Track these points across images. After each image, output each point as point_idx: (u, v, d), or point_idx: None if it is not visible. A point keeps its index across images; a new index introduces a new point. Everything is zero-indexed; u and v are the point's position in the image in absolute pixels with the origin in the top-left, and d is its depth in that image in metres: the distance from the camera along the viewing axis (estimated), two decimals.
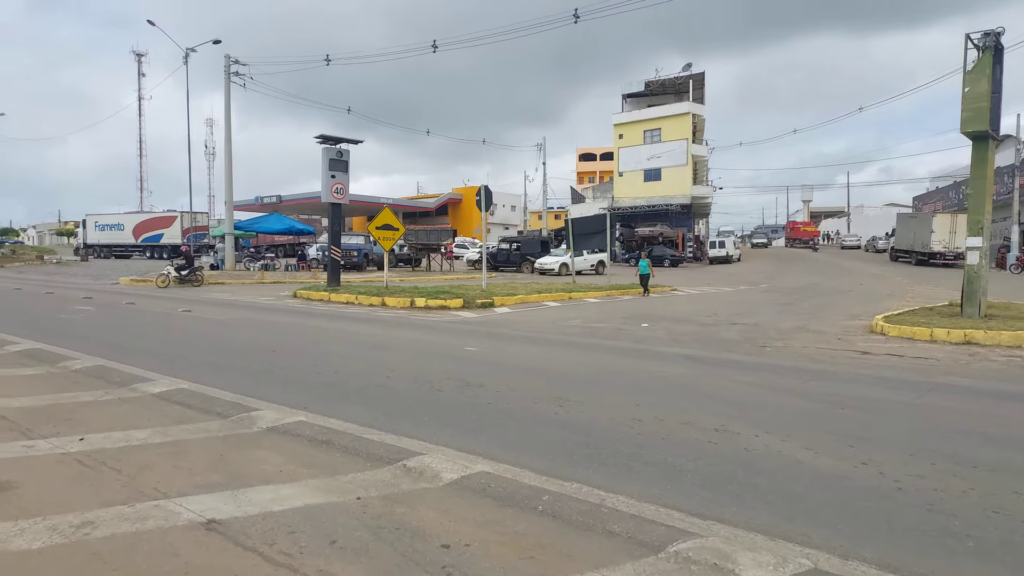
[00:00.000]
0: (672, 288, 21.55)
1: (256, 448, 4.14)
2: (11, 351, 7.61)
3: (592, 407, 5.34)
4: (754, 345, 9.27)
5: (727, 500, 3.38)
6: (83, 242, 56.48)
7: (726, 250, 46.40)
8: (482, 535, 2.92)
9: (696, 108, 50.19)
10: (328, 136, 18.24)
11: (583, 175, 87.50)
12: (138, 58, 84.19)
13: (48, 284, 21.62)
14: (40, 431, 4.40)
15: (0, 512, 3.10)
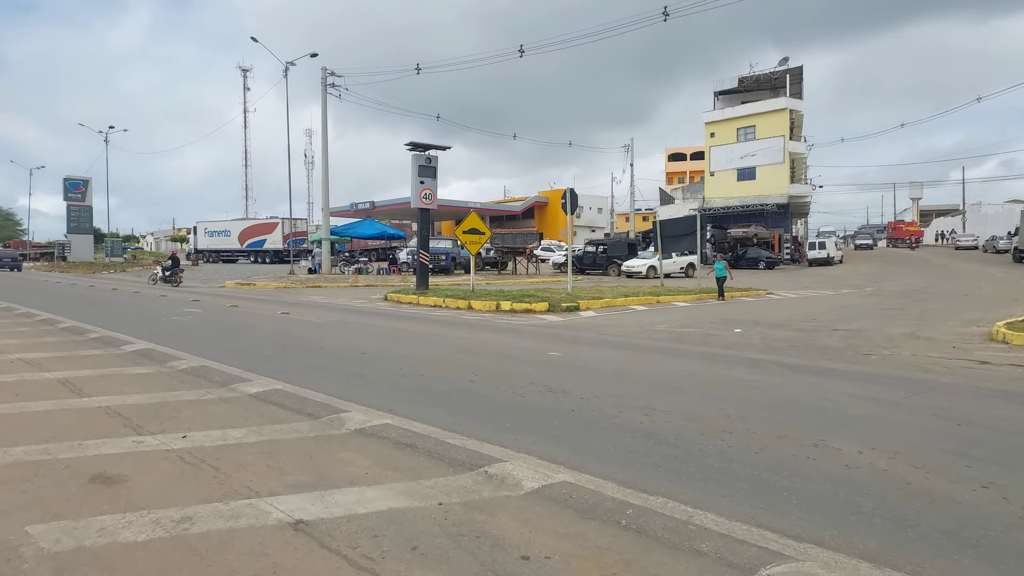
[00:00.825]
0: (767, 291, 20.69)
1: (344, 450, 4.24)
2: (127, 351, 8.19)
3: (680, 417, 5.16)
4: (857, 353, 8.72)
5: (826, 522, 3.15)
6: (194, 247, 60.44)
7: (827, 251, 44.17)
8: (563, 548, 2.85)
9: (793, 103, 48.08)
10: (417, 143, 18.67)
11: (672, 175, 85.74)
12: (243, 73, 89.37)
13: (162, 288, 23.20)
14: (148, 427, 4.68)
15: (111, 504, 3.30)
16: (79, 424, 4.77)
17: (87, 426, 4.72)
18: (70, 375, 6.54)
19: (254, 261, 52.35)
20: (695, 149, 76.30)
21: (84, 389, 5.90)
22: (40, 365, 7.10)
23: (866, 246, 65.24)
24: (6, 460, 3.97)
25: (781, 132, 47.30)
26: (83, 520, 3.10)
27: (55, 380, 6.30)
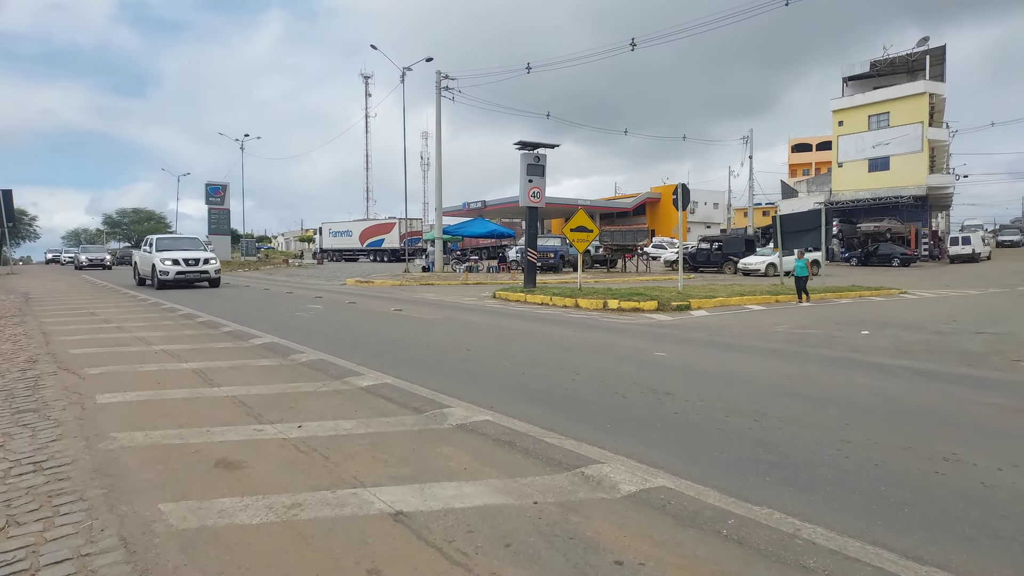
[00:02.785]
0: (900, 291, 19.19)
1: (445, 444, 4.34)
2: (255, 344, 8.80)
3: (793, 424, 4.88)
4: (1004, 359, 7.90)
5: (954, 543, 2.87)
6: (319, 247, 64.20)
7: (971, 247, 40.45)
8: (659, 555, 2.77)
9: (934, 87, 44.33)
10: (526, 142, 18.81)
11: (796, 167, 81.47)
12: (365, 80, 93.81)
13: (289, 285, 24.80)
14: (268, 417, 5.00)
15: (231, 488, 3.55)
16: (209, 412, 5.18)
17: (215, 414, 5.11)
18: (203, 366, 7.12)
19: (373, 260, 54.88)
20: (821, 139, 72.14)
21: (215, 379, 6.40)
22: (179, 356, 7.78)
23: (1013, 243, 57.60)
24: (147, 443, 4.38)
25: (919, 118, 43.77)
26: (207, 501, 3.36)
27: (191, 370, 6.88)
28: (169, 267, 20.65)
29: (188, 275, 21.01)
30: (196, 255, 21.50)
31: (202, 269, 21.28)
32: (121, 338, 9.42)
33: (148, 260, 21.66)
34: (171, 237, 24.10)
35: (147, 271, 21.93)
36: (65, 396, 5.75)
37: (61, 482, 3.65)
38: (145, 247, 23.04)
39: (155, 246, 22.09)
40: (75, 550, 2.83)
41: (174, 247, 22.21)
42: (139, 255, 23.72)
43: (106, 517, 3.17)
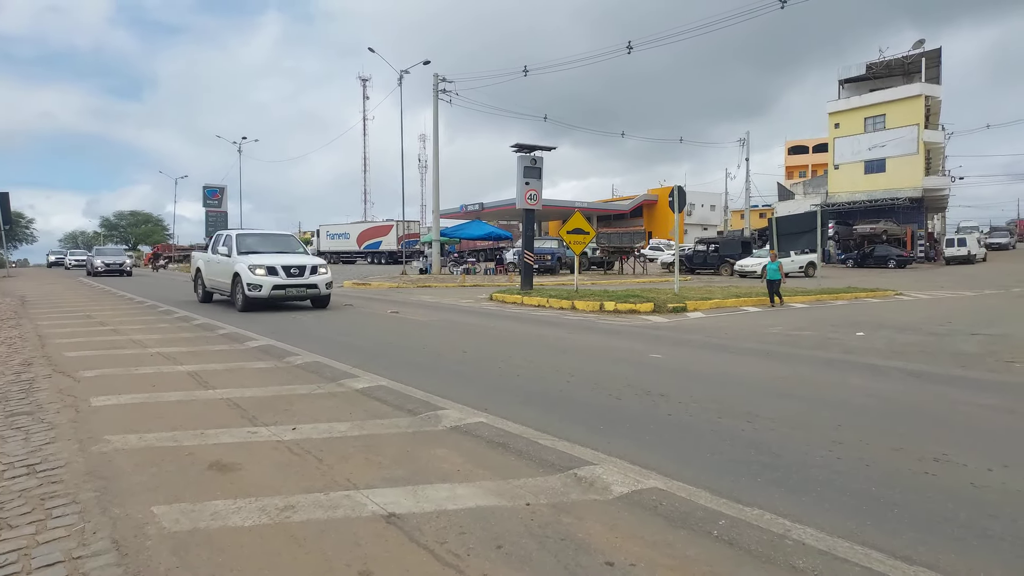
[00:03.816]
0: (896, 292, 19.24)
1: (439, 446, 4.35)
2: (250, 346, 8.80)
3: (785, 425, 4.90)
4: (998, 361, 7.93)
5: (943, 543, 2.89)
6: (317, 249, 64.09)
7: (967, 249, 40.54)
8: (649, 556, 2.78)
9: (929, 89, 44.47)
10: (523, 144, 18.84)
11: (792, 170, 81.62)
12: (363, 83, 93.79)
13: None
14: (263, 419, 5.01)
15: (224, 491, 3.56)
16: (203, 414, 5.18)
17: (210, 416, 5.11)
18: (199, 368, 7.12)
19: (371, 262, 54.86)
20: (818, 141, 72.26)
21: (210, 382, 6.40)
22: (174, 359, 7.78)
23: (1001, 246, 55.02)
24: (140, 445, 4.38)
25: (915, 120, 43.91)
26: (200, 504, 3.37)
27: (186, 373, 6.88)
28: (261, 278, 13.51)
29: (289, 291, 13.74)
30: (299, 260, 14.25)
31: (309, 282, 13.96)
32: (117, 341, 9.42)
33: (224, 267, 14.79)
34: (257, 234, 16.10)
35: (221, 283, 15.13)
36: (59, 399, 5.75)
37: (54, 485, 3.65)
38: (219, 247, 15.53)
39: (235, 245, 14.67)
40: (67, 552, 2.83)
41: (263, 247, 15.11)
42: (205, 259, 16.45)
43: (98, 520, 3.17)
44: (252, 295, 13.54)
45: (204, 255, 16.86)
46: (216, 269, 15.44)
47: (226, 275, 14.54)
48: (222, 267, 14.92)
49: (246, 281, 13.48)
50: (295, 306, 15.17)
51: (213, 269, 15.64)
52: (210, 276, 15.86)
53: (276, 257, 14.18)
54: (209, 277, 15.95)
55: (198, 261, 17.15)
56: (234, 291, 14.12)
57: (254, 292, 13.50)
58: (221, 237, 15.89)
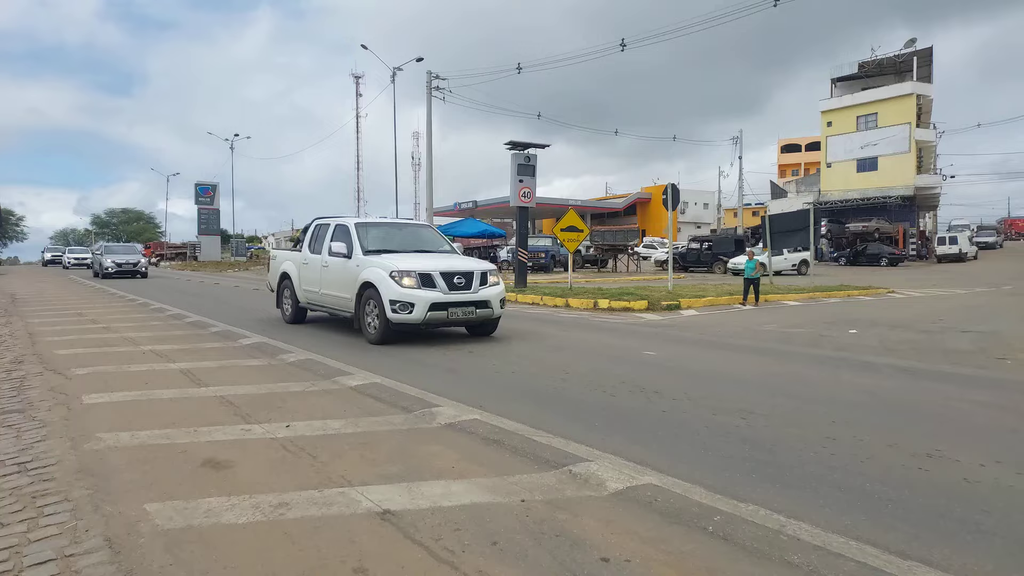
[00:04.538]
0: (888, 290, 19.33)
1: (433, 443, 4.34)
2: (243, 344, 8.76)
3: (780, 421, 4.91)
4: (989, 357, 7.98)
5: (936, 539, 2.90)
6: None
7: (958, 247, 40.77)
8: (644, 552, 2.78)
9: (921, 88, 44.66)
10: (517, 142, 18.83)
11: (785, 168, 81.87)
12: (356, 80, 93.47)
13: None
14: (256, 417, 4.98)
15: (218, 488, 3.54)
16: (196, 412, 5.15)
17: (203, 414, 5.09)
18: (192, 366, 7.08)
19: None
20: (810, 139, 72.52)
21: (203, 379, 6.37)
22: (167, 356, 7.74)
23: (988, 245, 54.07)
24: (133, 443, 4.35)
25: (907, 119, 44.09)
26: (193, 501, 3.34)
27: (179, 370, 6.85)
28: (412, 292, 8.64)
29: (453, 312, 8.84)
30: (459, 264, 9.38)
31: (478, 298, 9.06)
32: (109, 338, 9.36)
33: (338, 273, 9.92)
34: (387, 223, 11.25)
35: (330, 297, 10.25)
36: (51, 397, 5.71)
37: (46, 483, 3.63)
38: (326, 243, 10.34)
39: (358, 240, 9.82)
40: (59, 550, 2.81)
41: (397, 243, 10.24)
42: (299, 261, 11.27)
43: (91, 517, 3.15)
44: (399, 318, 8.46)
45: (293, 254, 11.62)
46: (321, 277, 10.35)
47: (342, 286, 9.67)
48: (335, 274, 9.91)
49: (388, 297, 8.47)
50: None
51: (316, 276, 10.54)
52: (309, 286, 10.78)
53: (425, 259, 9.20)
54: (307, 288, 10.84)
55: (283, 263, 11.74)
56: (361, 310, 9.14)
57: (402, 314, 8.43)
58: (328, 228, 10.54)
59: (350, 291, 9.36)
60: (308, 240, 11.09)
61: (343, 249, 9.65)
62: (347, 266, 9.58)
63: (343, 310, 9.85)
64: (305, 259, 10.94)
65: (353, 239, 9.70)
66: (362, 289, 9.06)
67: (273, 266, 12.31)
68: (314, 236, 10.93)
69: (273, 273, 12.20)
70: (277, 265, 12.01)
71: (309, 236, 11.10)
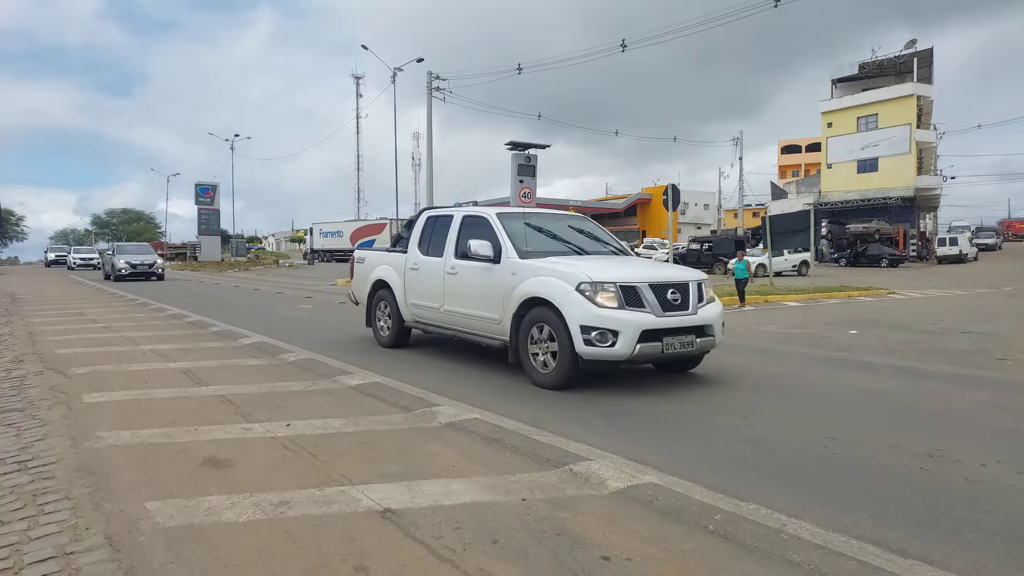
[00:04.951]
0: (888, 291, 19.33)
1: (434, 442, 4.33)
2: (244, 343, 8.76)
3: (780, 421, 4.91)
4: (989, 358, 7.98)
5: (937, 538, 2.90)
6: (310, 247, 63.91)
7: (959, 248, 40.80)
8: (645, 550, 2.78)
9: (921, 89, 44.66)
10: (517, 142, 18.85)
11: (786, 169, 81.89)
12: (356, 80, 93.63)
13: (279, 285, 24.69)
14: (257, 416, 4.98)
15: (219, 486, 3.53)
16: (197, 411, 5.15)
17: (203, 413, 5.09)
18: (192, 365, 7.08)
19: None
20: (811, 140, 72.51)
21: (203, 378, 6.37)
22: (167, 356, 7.74)
23: (988, 246, 54.01)
24: (133, 442, 4.35)
25: (907, 120, 44.09)
26: (194, 499, 3.34)
27: (179, 369, 6.85)
28: (620, 315, 5.70)
29: (671, 345, 5.86)
30: (673, 274, 6.46)
31: (700, 321, 6.12)
32: (109, 338, 9.36)
33: (477, 282, 6.96)
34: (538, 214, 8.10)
35: (460, 315, 7.24)
36: (51, 395, 5.71)
37: (46, 481, 3.62)
38: (469, 242, 6.89)
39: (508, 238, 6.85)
40: (59, 548, 2.81)
41: (551, 243, 7.34)
42: (408, 264, 8.22)
43: (91, 515, 3.15)
44: (595, 352, 5.72)
45: (392, 257, 8.66)
46: (445, 288, 7.43)
47: (483, 301, 6.83)
48: (470, 284, 7.07)
49: (579, 321, 5.72)
50: (287, 306, 14.98)
51: (434, 287, 7.61)
52: (421, 300, 7.87)
53: (619, 265, 6.50)
54: (418, 302, 7.93)
55: (376, 269, 8.85)
56: (521, 338, 6.32)
57: (600, 347, 5.69)
58: (452, 222, 7.60)
59: (498, 309, 6.50)
60: (417, 238, 8.08)
61: (485, 250, 6.63)
62: (493, 274, 6.61)
63: (483, 335, 6.86)
64: (414, 263, 7.96)
65: (500, 236, 6.77)
66: (524, 308, 6.20)
67: (360, 272, 9.40)
68: (427, 232, 7.97)
69: (361, 281, 9.27)
70: (367, 270, 9.15)
71: (418, 233, 8.12)
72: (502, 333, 6.56)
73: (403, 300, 8.20)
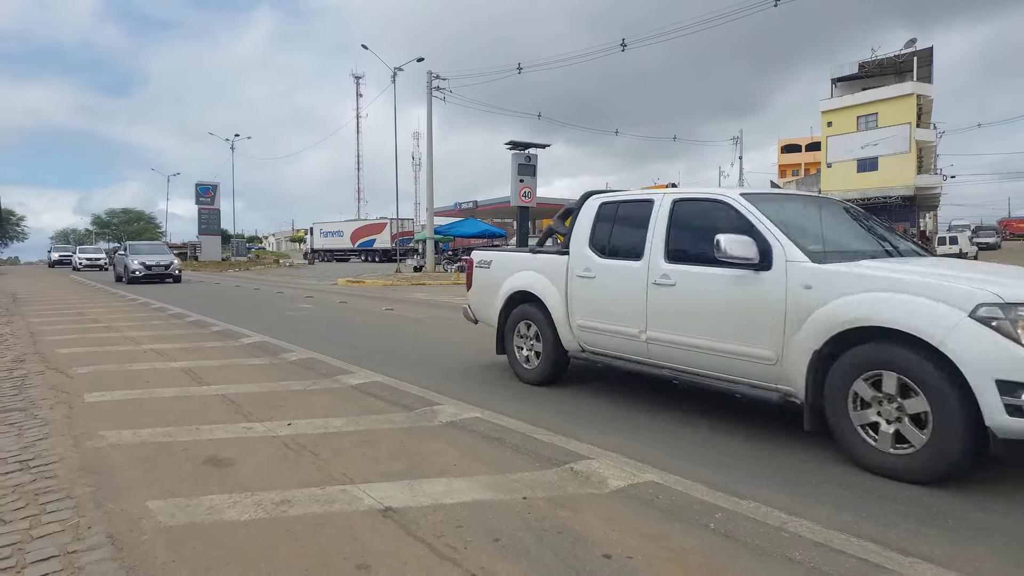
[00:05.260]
0: None
1: (435, 441, 4.34)
2: (244, 343, 8.77)
3: (781, 421, 4.90)
4: None
5: (937, 535, 2.91)
6: (310, 247, 63.92)
7: (958, 247, 40.88)
8: (646, 548, 2.79)
9: (921, 88, 44.63)
10: (517, 142, 18.87)
11: (786, 168, 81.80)
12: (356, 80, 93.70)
13: (280, 285, 24.70)
14: (258, 415, 4.99)
15: (220, 485, 3.55)
16: (198, 410, 5.16)
17: (204, 412, 5.10)
18: (193, 365, 7.09)
19: (365, 260, 54.72)
20: (810, 140, 72.45)
21: (204, 378, 6.38)
22: (168, 355, 7.74)
23: (989, 245, 53.38)
24: (135, 441, 4.36)
25: (907, 119, 44.06)
26: (195, 498, 3.35)
27: (180, 369, 6.86)
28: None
29: None
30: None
31: None
32: (110, 337, 9.37)
33: (745, 302, 4.39)
34: (790, 196, 5.86)
35: (719, 352, 4.56)
36: (52, 395, 5.72)
37: (48, 480, 3.64)
38: (721, 239, 4.32)
39: (778, 233, 4.36)
40: (62, 547, 2.81)
41: (837, 237, 4.89)
42: (561, 271, 5.91)
43: (93, 514, 3.16)
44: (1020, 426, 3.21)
45: (542, 261, 6.28)
46: (649, 305, 5.12)
47: (740, 328, 4.48)
48: (706, 300, 4.73)
49: (997, 374, 3.27)
50: (288, 305, 14.99)
51: (630, 304, 5.27)
52: (606, 320, 5.49)
53: (1007, 276, 3.93)
54: (599, 323, 5.57)
55: (514, 276, 6.53)
56: (836, 393, 3.92)
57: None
58: (659, 208, 5.28)
59: (771, 342, 4.28)
60: (586, 233, 5.79)
61: (742, 250, 4.36)
62: (758, 286, 4.38)
63: (734, 380, 4.60)
64: (585, 267, 5.68)
65: (765, 229, 4.47)
66: (838, 343, 3.94)
67: (486, 279, 6.90)
68: (604, 225, 5.72)
69: (487, 291, 6.82)
70: (497, 277, 6.71)
71: (588, 225, 5.81)
72: (782, 380, 4.24)
73: (563, 319, 5.80)
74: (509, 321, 6.52)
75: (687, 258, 4.90)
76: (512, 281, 6.47)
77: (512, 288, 6.43)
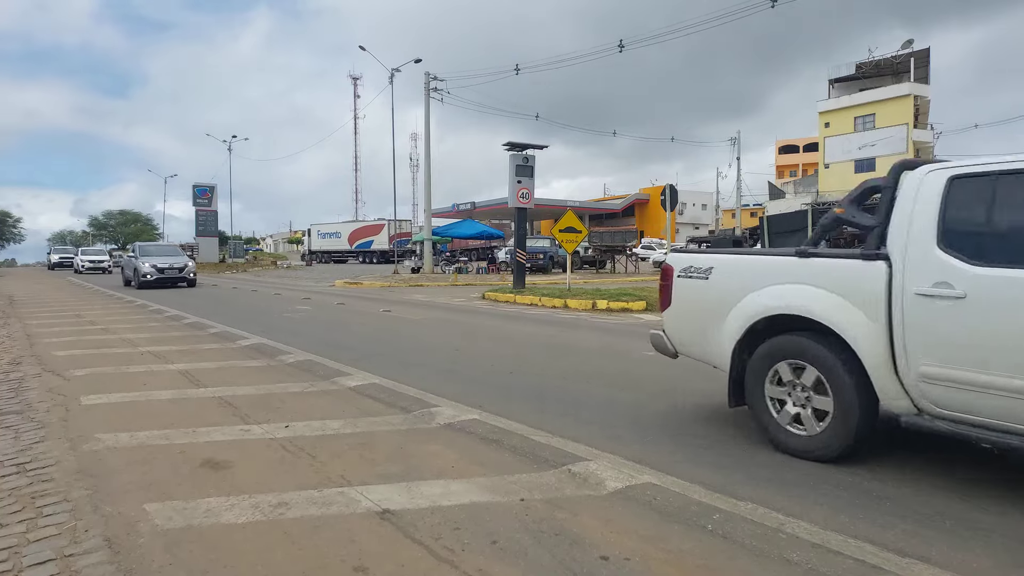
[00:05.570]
0: None
1: (432, 443, 4.34)
2: (242, 345, 8.76)
3: None
4: None
5: (935, 536, 2.91)
6: (308, 249, 63.87)
7: None
8: (644, 550, 2.79)
9: (918, 89, 44.80)
10: (515, 143, 18.84)
11: (783, 169, 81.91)
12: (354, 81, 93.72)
13: (277, 286, 24.67)
14: (255, 417, 4.98)
15: (217, 488, 3.54)
16: (195, 413, 5.15)
17: (202, 415, 5.09)
18: (190, 367, 7.08)
19: (362, 261, 54.67)
20: (808, 140, 72.59)
21: (201, 380, 6.37)
22: (165, 357, 7.73)
23: None
24: (132, 443, 4.35)
25: (904, 120, 44.22)
26: (192, 501, 3.35)
27: (177, 371, 6.84)
28: None
29: None
30: None
31: None
32: (107, 340, 9.35)
33: None
34: None
35: None
36: (49, 398, 5.71)
37: (44, 483, 3.63)
38: None
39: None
40: (58, 551, 2.81)
41: None
42: (897, 292, 3.58)
43: (90, 518, 3.15)
44: None
45: (839, 265, 4.02)
46: None
47: None
48: None
49: None
50: (285, 307, 14.97)
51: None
52: (996, 371, 3.17)
53: None
54: (976, 375, 3.26)
55: (774, 289, 4.19)
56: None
57: None
58: None
59: None
60: (934, 224, 3.62)
61: None
62: None
63: None
64: (936, 281, 3.47)
65: None
66: None
67: (698, 294, 4.81)
68: (955, 209, 3.61)
69: (703, 313, 4.75)
70: (728, 293, 4.54)
71: (935, 212, 3.67)
72: None
73: (882, 363, 3.67)
74: (754, 361, 4.31)
75: None
76: (761, 300, 4.25)
77: (763, 311, 4.22)
